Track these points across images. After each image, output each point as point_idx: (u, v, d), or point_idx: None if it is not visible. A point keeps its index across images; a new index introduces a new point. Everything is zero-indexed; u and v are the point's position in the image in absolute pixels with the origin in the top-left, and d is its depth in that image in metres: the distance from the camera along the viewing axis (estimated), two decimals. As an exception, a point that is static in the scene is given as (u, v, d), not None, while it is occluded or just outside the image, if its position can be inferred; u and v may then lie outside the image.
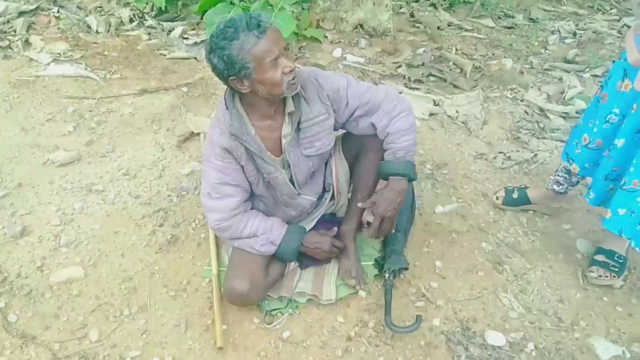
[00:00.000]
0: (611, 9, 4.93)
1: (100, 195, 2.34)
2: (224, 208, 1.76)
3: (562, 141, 2.83)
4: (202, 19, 3.77)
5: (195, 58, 3.55)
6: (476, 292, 1.99)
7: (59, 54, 3.41)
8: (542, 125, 3.00)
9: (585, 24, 4.51)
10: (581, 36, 4.21)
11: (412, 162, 1.84)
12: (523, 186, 2.40)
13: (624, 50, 1.78)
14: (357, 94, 1.79)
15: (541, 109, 3.15)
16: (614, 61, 1.94)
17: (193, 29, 3.89)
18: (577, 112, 3.09)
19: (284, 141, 1.76)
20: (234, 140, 1.69)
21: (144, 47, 3.63)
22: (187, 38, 3.74)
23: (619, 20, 4.62)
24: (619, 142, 1.79)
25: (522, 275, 2.07)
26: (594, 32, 4.29)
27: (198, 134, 2.78)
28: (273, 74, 1.55)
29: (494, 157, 2.73)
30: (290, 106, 1.71)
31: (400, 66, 3.50)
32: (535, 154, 2.73)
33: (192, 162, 2.57)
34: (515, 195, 2.36)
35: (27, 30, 3.62)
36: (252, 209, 1.88)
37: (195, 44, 3.65)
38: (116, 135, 2.75)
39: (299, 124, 1.75)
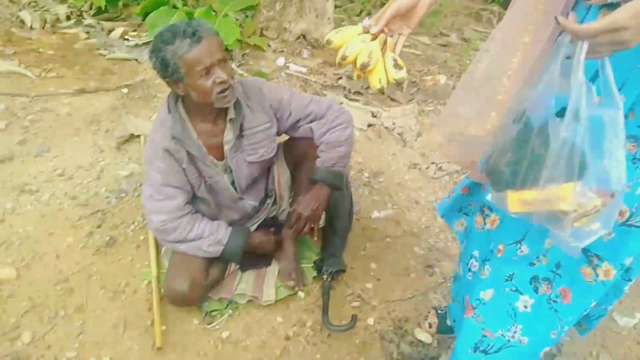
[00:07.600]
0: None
1: (34, 196, 2.27)
2: (168, 209, 1.76)
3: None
4: (143, 20, 3.72)
5: (137, 59, 3.50)
6: (408, 294, 2.10)
7: (-10, 48, 3.27)
8: (471, 139, 3.20)
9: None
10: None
11: (339, 171, 1.91)
12: None
13: None
14: (300, 106, 1.87)
15: (470, 124, 3.36)
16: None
17: (134, 30, 3.83)
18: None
19: (225, 147, 1.80)
20: (175, 143, 1.71)
21: (82, 46, 3.55)
22: (127, 39, 3.68)
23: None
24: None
25: (450, 277, 2.21)
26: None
27: (138, 136, 2.74)
28: (203, 83, 1.57)
29: (427, 167, 2.89)
30: (231, 113, 1.75)
31: (341, 78, 3.62)
32: (465, 165, 2.92)
33: (131, 164, 2.55)
34: (450, 322, 1.90)
35: (-46, 22, 3.45)
36: (196, 212, 1.89)
37: (137, 45, 3.60)
38: (52, 135, 2.67)
39: (242, 130, 1.80)
